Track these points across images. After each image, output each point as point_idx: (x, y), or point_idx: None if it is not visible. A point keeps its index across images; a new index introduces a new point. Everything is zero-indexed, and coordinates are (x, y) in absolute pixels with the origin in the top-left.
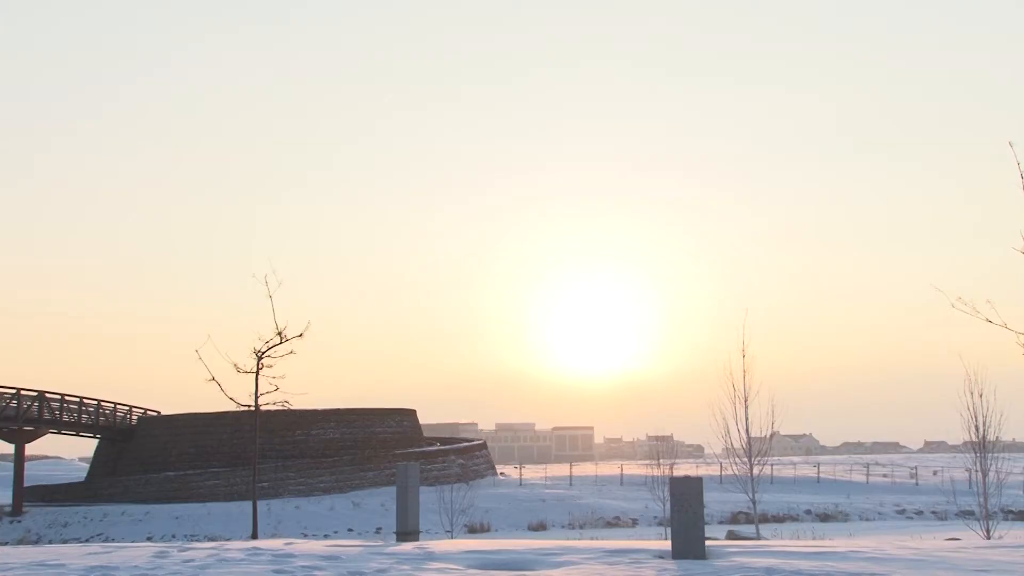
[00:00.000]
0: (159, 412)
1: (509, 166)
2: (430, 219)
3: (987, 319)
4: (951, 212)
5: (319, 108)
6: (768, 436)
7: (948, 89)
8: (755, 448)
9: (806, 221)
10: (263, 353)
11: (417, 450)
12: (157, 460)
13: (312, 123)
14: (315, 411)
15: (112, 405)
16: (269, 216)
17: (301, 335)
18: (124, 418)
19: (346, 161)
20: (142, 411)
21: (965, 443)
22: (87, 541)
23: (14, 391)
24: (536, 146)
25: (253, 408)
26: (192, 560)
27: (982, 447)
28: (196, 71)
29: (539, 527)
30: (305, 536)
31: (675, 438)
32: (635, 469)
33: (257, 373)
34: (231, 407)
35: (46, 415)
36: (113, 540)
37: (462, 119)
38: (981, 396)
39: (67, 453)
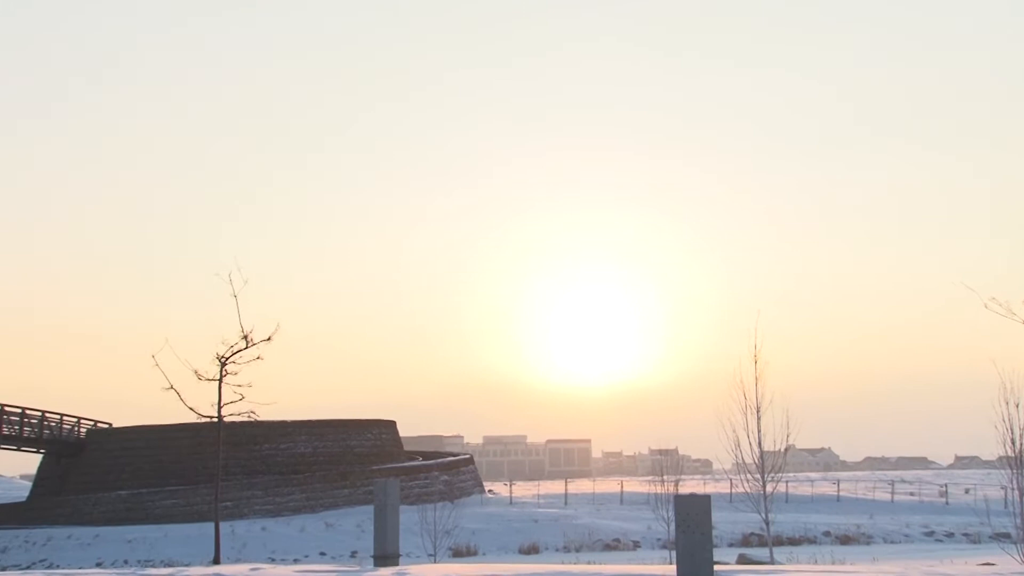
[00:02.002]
0: (110, 424)
1: (499, 156)
2: (413, 212)
3: (1023, 321)
4: (981, 204)
5: (293, 97)
6: (783, 450)
7: (971, 72)
8: (768, 463)
9: (822, 215)
10: (227, 359)
11: (397, 465)
12: (108, 478)
13: (285, 112)
14: (284, 423)
15: (58, 417)
16: (235, 210)
17: (269, 339)
18: (71, 431)
19: (321, 151)
20: (91, 423)
21: (1000, 458)
22: (28, 568)
23: None
24: (529, 134)
25: (216, 419)
26: None
27: (1019, 462)
28: (163, 60)
29: (531, 550)
30: (273, 561)
31: (680, 452)
32: (636, 486)
33: (220, 381)
34: (191, 418)
35: None
36: (58, 567)
37: (449, 106)
38: (1017, 406)
39: (6, 470)
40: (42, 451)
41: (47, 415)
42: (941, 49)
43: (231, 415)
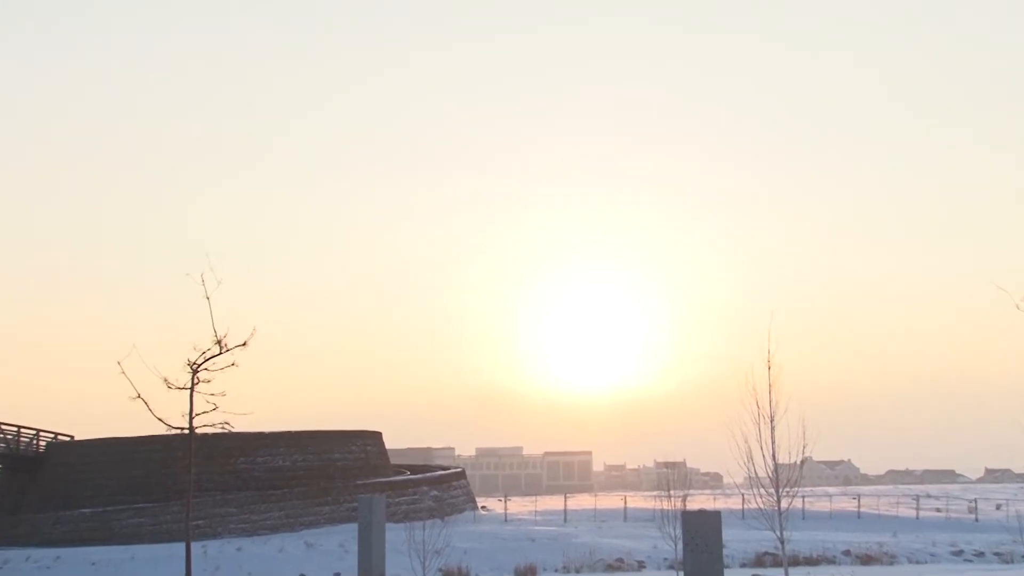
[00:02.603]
0: (72, 437)
1: (494, 145)
2: (400, 206)
3: None
4: (1013, 201)
5: (264, 79)
6: (799, 463)
7: (1012, 53)
8: (783, 477)
9: (842, 210)
10: (199, 365)
11: (383, 480)
12: (70, 494)
13: (256, 96)
14: (261, 434)
15: (15, 429)
16: (207, 204)
17: (245, 344)
18: (30, 444)
19: (299, 137)
20: (52, 436)
21: None
22: None
23: None
24: (526, 121)
25: (187, 431)
26: None
27: None
28: (122, 41)
29: (527, 571)
30: None
31: (688, 465)
32: (641, 502)
33: (192, 389)
34: (160, 430)
35: None
36: None
37: (437, 85)
38: None
39: None
40: None
41: (3, 427)
42: (983, 41)
43: (204, 426)
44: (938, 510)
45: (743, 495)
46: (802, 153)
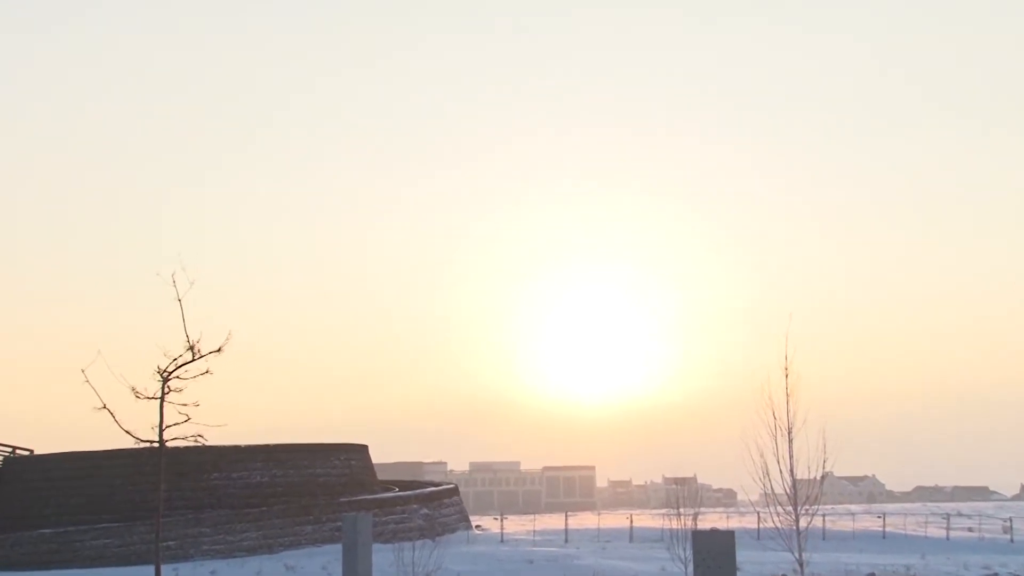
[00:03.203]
0: (32, 451)
1: (489, 134)
2: (387, 202)
3: None
4: None
5: (241, 65)
6: (819, 478)
7: None
8: (802, 493)
9: (867, 206)
10: (170, 373)
11: (369, 497)
12: (29, 513)
13: (236, 80)
14: (237, 448)
15: None
16: (178, 198)
17: (219, 350)
18: None
19: (278, 128)
20: (9, 450)
21: None
22: None
23: None
24: (524, 109)
25: (157, 444)
26: None
27: None
28: (92, 21)
29: None
30: None
31: (699, 481)
32: (648, 520)
33: (162, 399)
34: (128, 443)
35: None
36: None
37: (427, 73)
38: None
39: None
40: None
41: None
42: (1010, 36)
43: (175, 439)
44: (970, 530)
45: (759, 513)
46: (820, 151)
